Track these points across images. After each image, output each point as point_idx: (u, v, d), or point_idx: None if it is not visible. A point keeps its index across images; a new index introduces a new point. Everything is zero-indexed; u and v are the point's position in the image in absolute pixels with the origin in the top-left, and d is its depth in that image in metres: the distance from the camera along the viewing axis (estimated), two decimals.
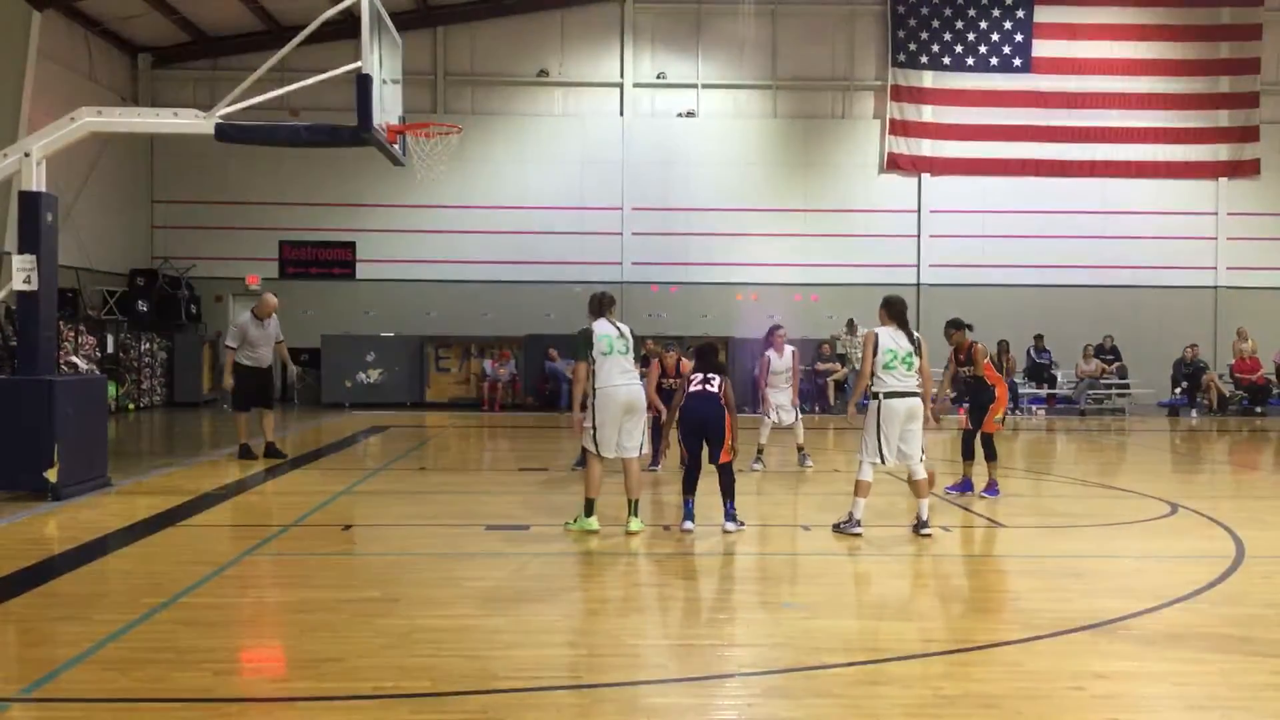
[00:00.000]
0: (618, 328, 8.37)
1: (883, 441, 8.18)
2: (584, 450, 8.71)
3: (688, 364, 10.59)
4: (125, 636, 5.33)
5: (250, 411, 12.81)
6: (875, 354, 8.22)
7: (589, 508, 8.32)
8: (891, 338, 8.25)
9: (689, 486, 8.48)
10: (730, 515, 8.38)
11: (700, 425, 8.49)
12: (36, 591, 6.32)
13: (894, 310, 8.36)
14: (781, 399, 12.47)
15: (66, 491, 9.37)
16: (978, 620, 6.12)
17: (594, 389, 8.20)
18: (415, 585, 6.60)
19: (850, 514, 8.31)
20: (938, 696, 4.61)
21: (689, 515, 8.38)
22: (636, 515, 8.32)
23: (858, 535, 8.16)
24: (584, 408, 8.29)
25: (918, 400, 8.26)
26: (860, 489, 8.26)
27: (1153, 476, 12.87)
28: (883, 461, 8.24)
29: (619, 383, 8.19)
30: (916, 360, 8.27)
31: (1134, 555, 7.78)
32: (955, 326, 10.56)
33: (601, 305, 8.52)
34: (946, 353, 10.82)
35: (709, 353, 8.93)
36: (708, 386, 8.55)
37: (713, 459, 8.46)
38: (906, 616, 6.17)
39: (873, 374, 8.23)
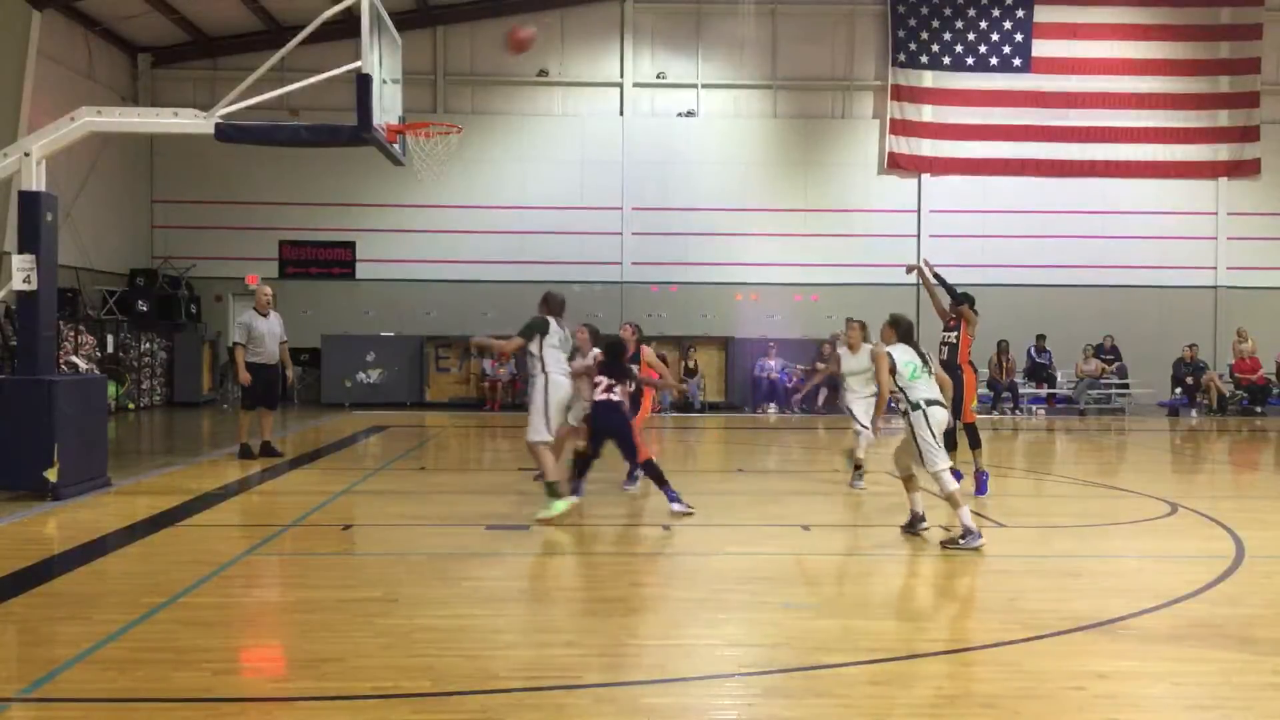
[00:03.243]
0: (563, 329, 9.02)
1: (940, 444, 7.92)
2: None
3: (647, 350, 10.60)
4: (125, 636, 5.33)
5: (254, 410, 12.80)
6: (894, 371, 8.06)
7: (553, 489, 8.63)
8: (905, 352, 8.14)
9: (580, 471, 9.13)
10: (674, 498, 8.80)
11: (605, 435, 8.95)
12: (36, 591, 6.32)
13: (902, 329, 8.30)
14: (858, 408, 10.82)
15: (66, 491, 9.37)
16: (978, 620, 6.12)
17: (546, 375, 8.75)
18: (415, 585, 6.60)
19: (965, 527, 7.73)
20: (938, 696, 4.62)
21: (576, 491, 9.04)
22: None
23: (979, 547, 7.63)
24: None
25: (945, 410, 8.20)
26: (954, 499, 7.84)
27: (1152, 476, 12.86)
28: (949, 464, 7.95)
29: (566, 376, 8.88)
30: (931, 370, 8.20)
31: (1134, 555, 7.79)
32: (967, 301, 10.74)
33: (561, 306, 9.09)
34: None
35: (617, 353, 9.07)
36: (611, 395, 8.79)
37: (631, 459, 8.98)
38: (906, 616, 6.17)
39: (901, 388, 8.03)
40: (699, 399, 21.78)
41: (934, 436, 7.88)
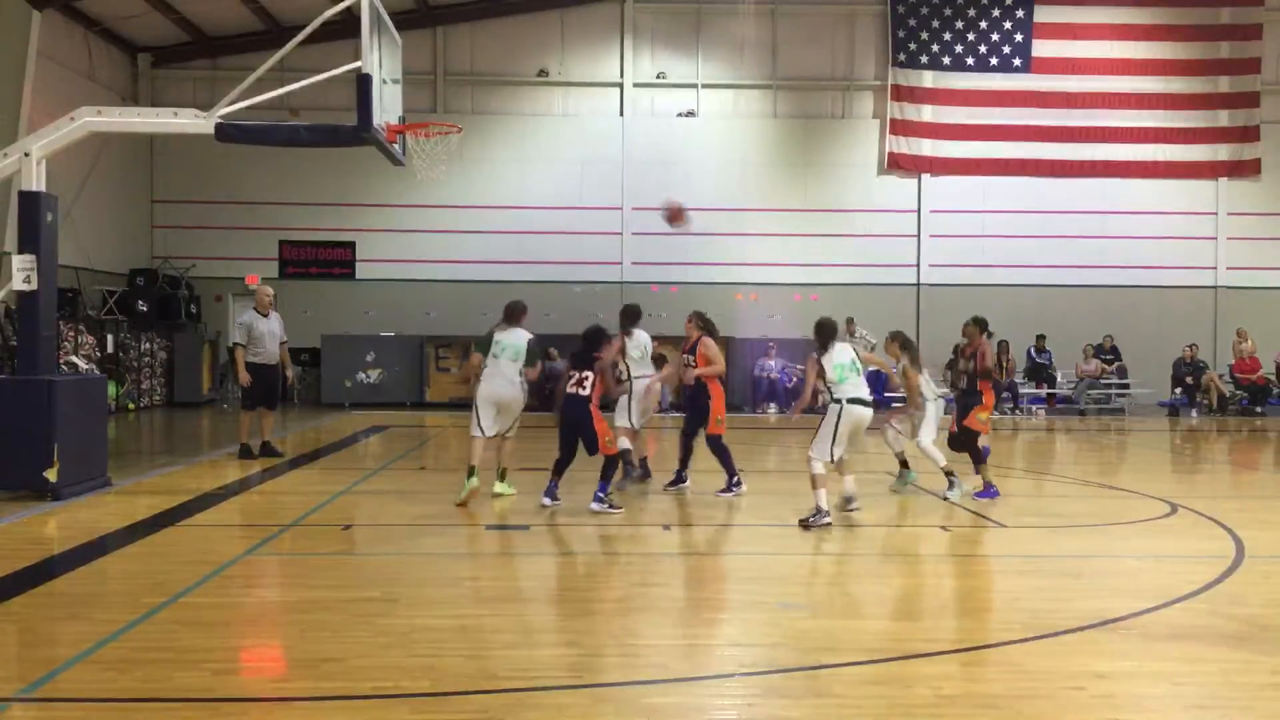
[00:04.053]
0: (510, 335, 9.64)
1: (835, 443, 8.63)
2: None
3: (706, 343, 10.37)
4: (125, 636, 5.33)
5: (255, 410, 12.82)
6: (822, 375, 8.68)
7: (471, 470, 9.50)
8: (842, 353, 8.76)
9: (557, 471, 9.30)
10: (600, 498, 8.85)
11: (570, 427, 9.13)
12: (36, 591, 6.32)
13: (825, 334, 8.80)
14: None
15: (66, 491, 9.36)
16: (978, 620, 6.12)
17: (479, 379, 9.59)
18: (415, 585, 6.60)
19: (818, 507, 8.48)
20: (938, 696, 4.61)
21: (550, 494, 9.20)
22: (504, 481, 9.96)
23: (826, 525, 8.41)
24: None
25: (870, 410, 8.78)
26: (816, 482, 8.53)
27: (1153, 476, 12.86)
28: (832, 460, 8.69)
29: (497, 382, 9.57)
30: (860, 369, 8.81)
31: (1134, 555, 7.79)
32: (975, 323, 10.57)
33: (513, 313, 9.79)
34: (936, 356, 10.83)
35: (587, 343, 9.26)
36: (580, 390, 9.04)
37: (592, 452, 9.06)
38: (906, 616, 6.17)
39: (828, 386, 8.69)
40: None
41: (836, 432, 8.57)
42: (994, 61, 23.85)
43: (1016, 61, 23.86)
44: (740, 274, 23.55)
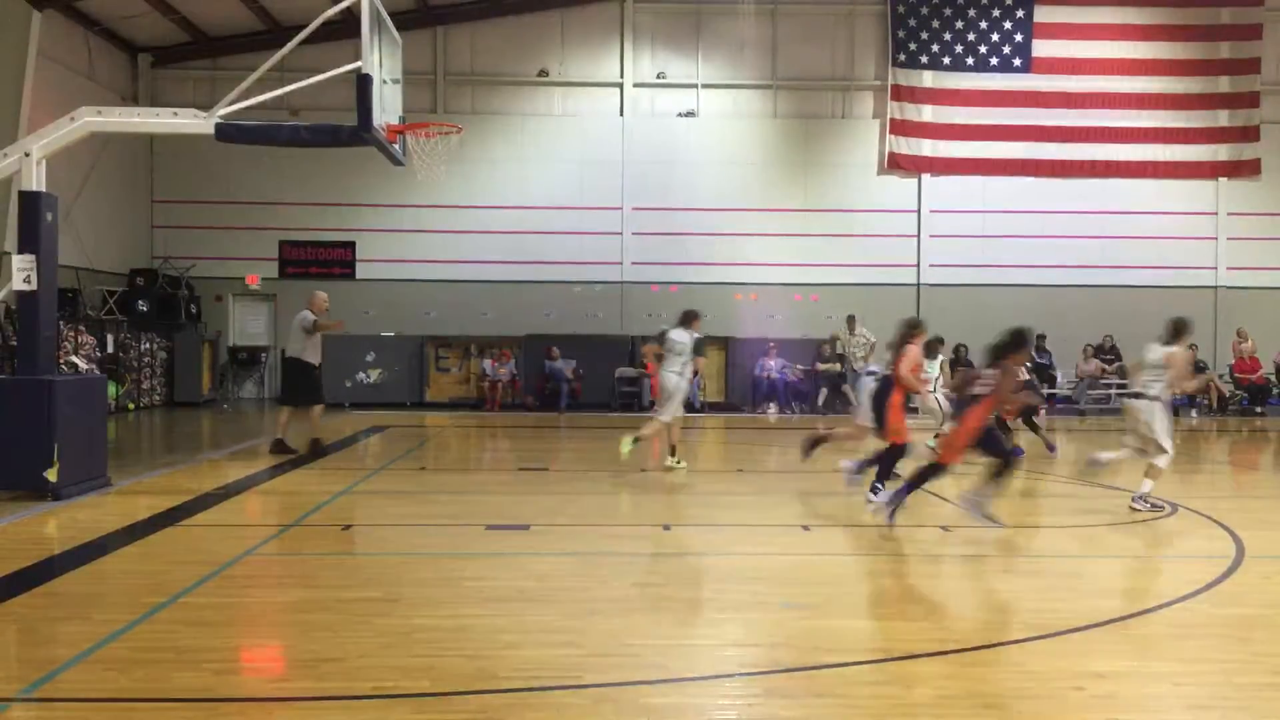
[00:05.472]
0: (683, 336, 11.89)
1: None
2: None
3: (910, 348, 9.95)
4: (125, 636, 5.33)
5: (300, 408, 12.98)
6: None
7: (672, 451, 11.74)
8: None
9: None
10: (891, 497, 8.62)
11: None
12: (36, 591, 6.32)
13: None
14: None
15: (66, 491, 9.37)
16: (978, 620, 6.12)
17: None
18: (415, 585, 6.60)
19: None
20: (938, 696, 4.61)
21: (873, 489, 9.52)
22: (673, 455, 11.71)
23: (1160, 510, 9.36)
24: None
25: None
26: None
27: None
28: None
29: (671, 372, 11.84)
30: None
31: (1134, 555, 7.79)
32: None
33: (683, 318, 12.14)
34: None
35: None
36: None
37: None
38: (907, 616, 6.17)
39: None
40: (699, 399, 21.78)
41: None
42: (994, 61, 23.84)
43: (1016, 61, 23.85)
44: (740, 274, 23.55)
